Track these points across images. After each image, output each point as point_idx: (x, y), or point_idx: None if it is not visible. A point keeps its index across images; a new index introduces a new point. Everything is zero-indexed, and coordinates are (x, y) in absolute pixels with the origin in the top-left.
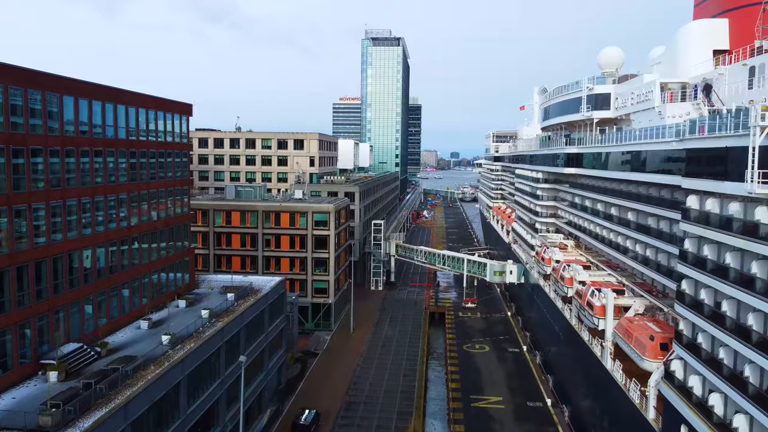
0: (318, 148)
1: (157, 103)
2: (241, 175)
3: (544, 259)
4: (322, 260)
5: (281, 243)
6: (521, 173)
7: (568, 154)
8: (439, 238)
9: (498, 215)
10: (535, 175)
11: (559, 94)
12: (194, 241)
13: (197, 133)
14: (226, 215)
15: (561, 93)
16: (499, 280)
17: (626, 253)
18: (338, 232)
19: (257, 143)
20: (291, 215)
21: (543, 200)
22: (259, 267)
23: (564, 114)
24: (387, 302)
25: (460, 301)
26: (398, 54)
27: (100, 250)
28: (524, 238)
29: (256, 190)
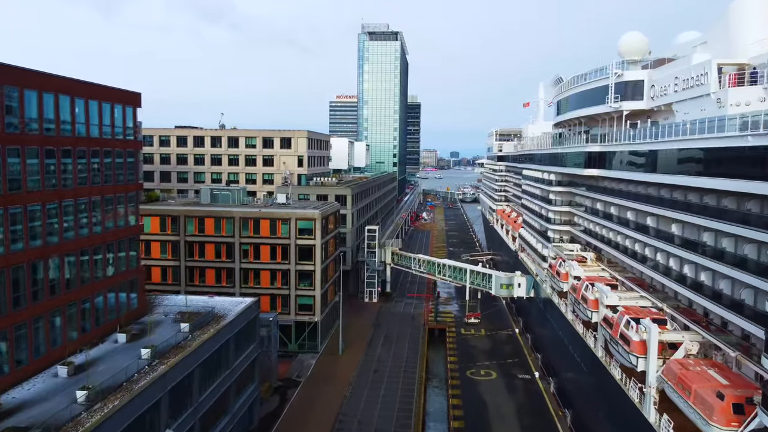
0: (307, 146)
1: (90, 91)
2: (223, 176)
3: (560, 274)
4: (307, 273)
5: (261, 254)
6: (529, 174)
7: (590, 153)
8: (439, 242)
9: (502, 219)
10: (546, 176)
11: (577, 84)
12: (164, 252)
13: (176, 131)
14: (199, 222)
15: (580, 82)
16: (505, 294)
17: (669, 274)
18: (326, 242)
19: (241, 142)
20: (272, 223)
21: (556, 205)
22: (236, 281)
23: (584, 106)
24: (382, 317)
25: (462, 315)
26: (396, 49)
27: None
28: (534, 247)
29: (234, 193)
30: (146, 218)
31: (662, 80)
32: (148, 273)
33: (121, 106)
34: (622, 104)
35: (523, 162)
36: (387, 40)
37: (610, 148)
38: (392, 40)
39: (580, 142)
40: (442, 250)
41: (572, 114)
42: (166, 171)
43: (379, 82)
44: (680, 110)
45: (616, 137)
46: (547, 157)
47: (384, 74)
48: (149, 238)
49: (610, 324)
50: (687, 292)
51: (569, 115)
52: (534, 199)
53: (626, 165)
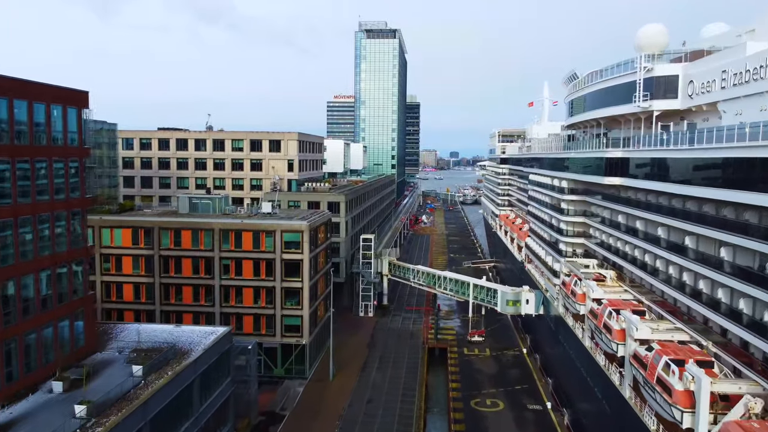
0: (298, 149)
1: (19, 88)
2: (209, 181)
3: (575, 294)
4: (293, 290)
5: (243, 269)
6: (536, 179)
7: (610, 159)
8: (439, 247)
9: (506, 226)
10: (557, 183)
11: (596, 81)
12: (136, 267)
13: (157, 133)
14: (175, 235)
15: (599, 79)
16: (512, 312)
17: (717, 307)
18: (315, 255)
19: (227, 144)
20: (255, 235)
21: (568, 215)
22: (215, 299)
23: (605, 106)
24: (378, 334)
25: (464, 331)
26: (394, 47)
27: None
28: (543, 259)
29: (214, 201)
30: (117, 230)
31: (703, 75)
32: (119, 290)
33: (60, 106)
34: (652, 103)
35: (530, 166)
36: (385, 38)
37: (637, 153)
38: (390, 37)
39: (597, 146)
40: (442, 256)
41: (589, 115)
42: (147, 176)
43: (376, 81)
44: (729, 110)
45: (644, 141)
46: (558, 162)
47: (382, 73)
48: (120, 252)
49: (642, 363)
50: (742, 332)
51: (585, 115)
52: (542, 207)
53: (657, 174)
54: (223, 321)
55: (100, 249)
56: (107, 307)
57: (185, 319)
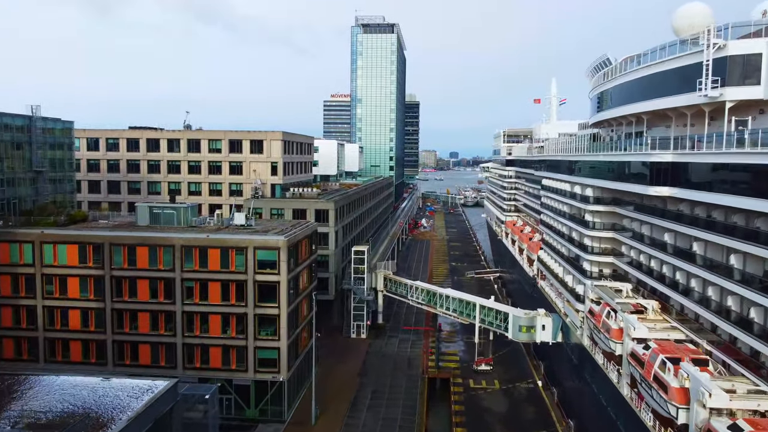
0: (282, 150)
1: None
2: (183, 186)
3: (610, 330)
4: (269, 318)
5: (209, 293)
6: (552, 185)
7: (657, 165)
8: (440, 254)
9: (513, 234)
10: (579, 190)
11: (637, 67)
12: (84, 290)
13: (125, 133)
14: (129, 251)
15: (643, 63)
16: (525, 339)
17: None
18: (295, 275)
19: (203, 145)
20: (223, 252)
21: (594, 229)
22: (177, 327)
23: (649, 97)
24: (371, 361)
25: (469, 357)
26: (392, 42)
27: None
28: (561, 278)
29: (179, 212)
30: (61, 246)
31: None
32: (64, 317)
33: None
34: (724, 92)
35: (542, 169)
36: (382, 33)
37: (701, 158)
38: (388, 32)
39: (635, 146)
40: (443, 265)
41: (626, 109)
42: (114, 180)
43: (373, 79)
44: None
45: (711, 142)
46: (581, 166)
47: (379, 69)
48: (66, 272)
49: None
50: None
51: (620, 110)
52: (560, 218)
53: (730, 185)
54: (185, 353)
55: (41, 268)
56: (50, 337)
57: (141, 351)
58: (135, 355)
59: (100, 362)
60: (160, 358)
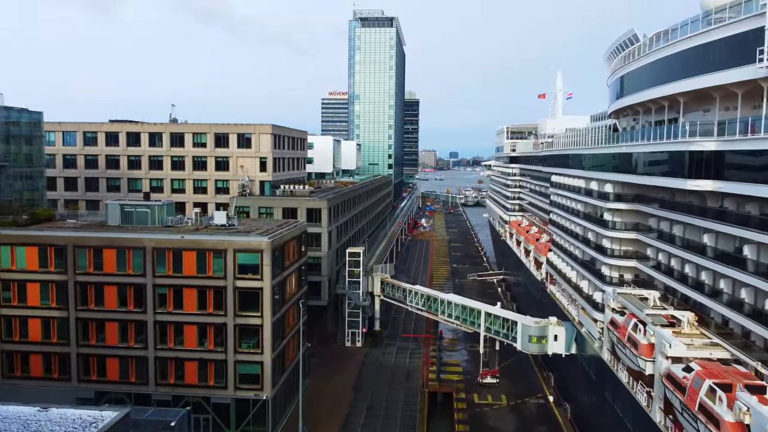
0: (272, 145)
1: None
2: (165, 183)
3: (638, 345)
4: (251, 328)
5: (184, 300)
6: (563, 182)
7: (696, 155)
8: (440, 255)
9: (519, 234)
10: (595, 186)
11: (677, 40)
12: (45, 297)
13: (104, 126)
14: (95, 254)
15: (681, 36)
16: (536, 350)
17: None
18: (281, 281)
19: (187, 139)
20: (199, 255)
21: (615, 229)
22: (149, 339)
23: (692, 74)
24: (366, 372)
25: (473, 369)
26: (391, 37)
27: None
28: (575, 283)
29: (153, 210)
30: (19, 248)
31: None
32: (23, 328)
33: None
34: None
35: (551, 165)
36: (381, 27)
37: (758, 144)
38: (387, 26)
39: (668, 134)
40: (444, 267)
41: (658, 91)
42: (92, 177)
43: (372, 74)
44: None
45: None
46: (599, 160)
47: (378, 65)
48: (23, 277)
49: None
50: None
51: (651, 93)
52: (573, 217)
53: None
54: (158, 368)
55: None
56: (8, 349)
57: (109, 365)
58: (102, 369)
59: (63, 378)
60: (129, 374)
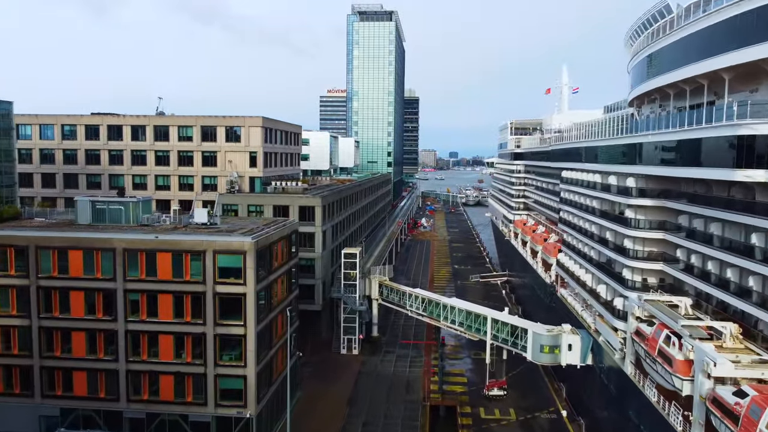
0: (263, 138)
1: None
2: (149, 179)
3: (673, 361)
4: (233, 338)
5: (159, 307)
6: (575, 177)
7: (748, 140)
8: (441, 256)
9: (525, 234)
10: (613, 181)
11: (723, 6)
12: (5, 304)
13: (84, 119)
14: (60, 256)
15: (726, 2)
16: (548, 361)
17: None
18: (268, 284)
19: (172, 133)
20: (175, 257)
21: (639, 228)
22: (120, 351)
23: (743, 45)
24: (363, 382)
25: (478, 379)
26: (391, 31)
27: None
28: (590, 287)
29: (128, 207)
30: None
31: None
32: None
33: None
34: None
35: (561, 159)
36: (380, 21)
37: None
38: (386, 20)
39: (706, 118)
40: (445, 268)
41: (696, 68)
42: (71, 173)
43: (371, 70)
44: None
45: None
46: (618, 151)
47: (376, 60)
48: None
49: None
50: None
51: (687, 71)
52: (587, 215)
53: None
54: (130, 382)
55: None
56: None
57: (76, 380)
58: (68, 384)
59: (25, 393)
60: (99, 389)
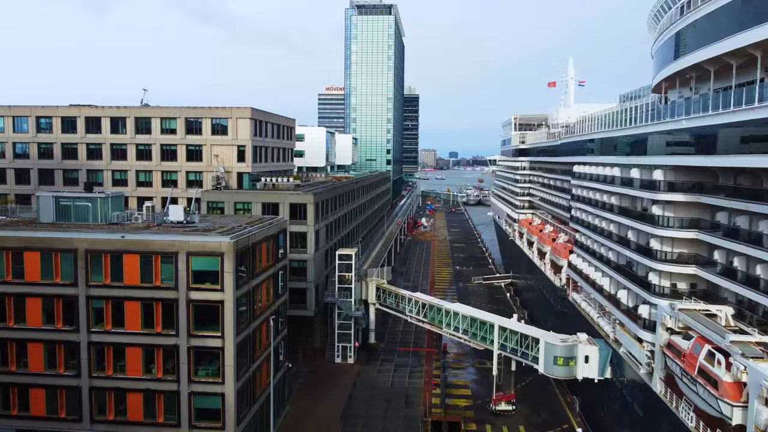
0: (252, 131)
1: None
2: (130, 175)
3: (719, 384)
4: (209, 352)
5: (126, 316)
6: (589, 172)
7: None
8: (442, 256)
9: (530, 234)
10: (638, 174)
11: None
12: None
13: (60, 110)
14: (14, 259)
15: None
16: (563, 374)
17: None
18: (249, 291)
19: (154, 125)
20: (144, 259)
21: (668, 227)
22: (82, 365)
23: None
24: (358, 396)
25: (483, 391)
26: (390, 25)
27: None
28: (608, 292)
29: (96, 204)
30: None
31: None
32: None
33: None
34: None
35: (572, 153)
36: (379, 14)
37: None
38: (385, 13)
39: (744, 99)
40: (446, 269)
41: (744, 38)
42: (47, 168)
43: (369, 65)
44: None
45: None
46: (642, 140)
47: (375, 55)
48: None
49: None
50: None
51: (739, 39)
52: (604, 212)
53: None
54: (94, 401)
55: None
56: None
57: (33, 398)
58: (24, 402)
59: None
60: (59, 408)
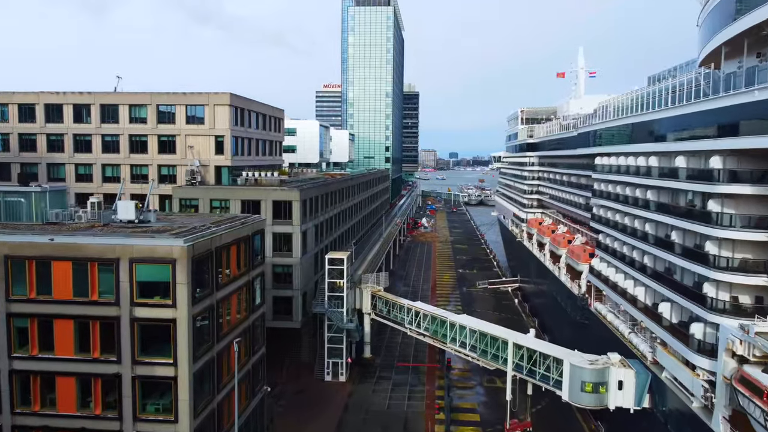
0: (231, 120)
1: None
2: (95, 170)
3: None
4: (159, 382)
5: (56, 338)
6: (612, 164)
7: None
8: (444, 258)
9: (542, 235)
10: (684, 163)
11: None
12: None
13: (16, 97)
14: None
15: None
16: (591, 403)
17: None
18: (211, 305)
19: (122, 113)
20: (78, 268)
21: (731, 228)
22: (2, 399)
23: None
24: (349, 422)
25: (493, 417)
26: (389, 17)
27: None
28: (646, 304)
29: (30, 200)
30: None
31: None
32: None
33: None
34: None
35: (593, 144)
36: (377, 5)
37: None
38: (384, 5)
39: None
40: (448, 272)
41: None
42: (2, 162)
43: (367, 59)
44: None
45: None
46: (696, 121)
47: (373, 48)
48: None
49: None
50: None
51: None
52: (637, 210)
53: None
54: None
55: None
56: None
57: None
58: None
59: None
60: None
